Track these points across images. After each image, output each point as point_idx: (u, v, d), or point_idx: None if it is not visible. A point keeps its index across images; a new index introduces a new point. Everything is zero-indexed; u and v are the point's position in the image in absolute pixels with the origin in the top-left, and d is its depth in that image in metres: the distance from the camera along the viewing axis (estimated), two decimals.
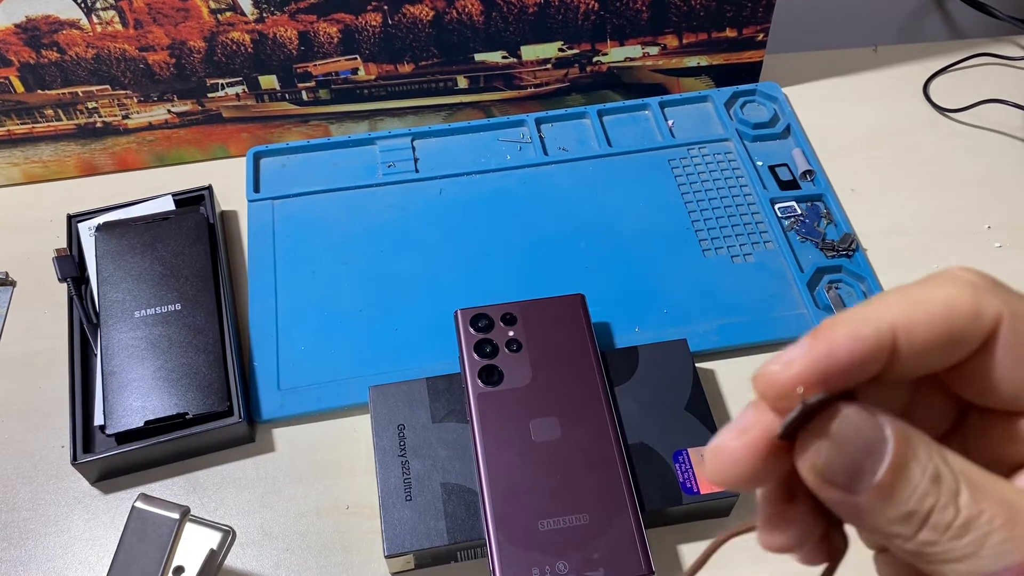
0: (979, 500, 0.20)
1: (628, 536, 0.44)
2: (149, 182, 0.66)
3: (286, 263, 0.60)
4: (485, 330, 0.51)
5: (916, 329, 0.21)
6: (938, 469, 0.20)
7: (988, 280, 0.22)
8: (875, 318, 0.21)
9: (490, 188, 0.64)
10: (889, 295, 0.22)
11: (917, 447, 0.20)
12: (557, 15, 0.64)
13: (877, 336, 0.21)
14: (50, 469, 0.52)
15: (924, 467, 0.20)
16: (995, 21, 0.76)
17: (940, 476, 0.20)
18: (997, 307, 0.21)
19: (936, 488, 0.20)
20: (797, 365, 0.21)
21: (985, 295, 0.21)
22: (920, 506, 0.20)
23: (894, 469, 0.20)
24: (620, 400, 0.50)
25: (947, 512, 0.20)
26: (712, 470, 0.22)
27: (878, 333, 0.21)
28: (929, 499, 0.20)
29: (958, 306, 0.21)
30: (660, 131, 0.67)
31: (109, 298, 0.55)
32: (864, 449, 0.20)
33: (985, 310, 0.21)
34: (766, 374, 0.21)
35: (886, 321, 0.21)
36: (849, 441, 0.20)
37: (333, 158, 0.66)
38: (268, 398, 0.53)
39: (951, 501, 0.20)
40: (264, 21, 0.61)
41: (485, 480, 0.46)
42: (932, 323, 0.21)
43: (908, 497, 0.20)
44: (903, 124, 0.69)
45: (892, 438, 0.20)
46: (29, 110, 0.63)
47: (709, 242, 0.60)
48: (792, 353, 0.21)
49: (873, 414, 0.20)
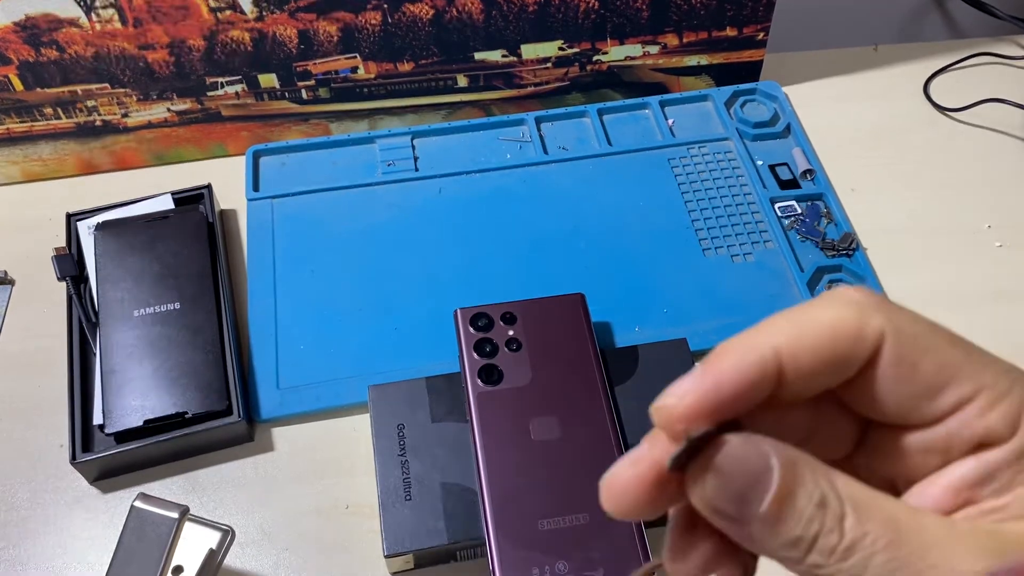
0: (864, 522, 0.20)
1: (628, 536, 0.44)
2: (148, 181, 0.66)
3: (285, 262, 0.60)
4: (485, 329, 0.51)
5: (801, 353, 0.22)
6: (824, 494, 0.20)
7: (873, 299, 0.22)
8: (759, 345, 0.22)
9: (490, 187, 0.64)
10: (776, 319, 0.22)
11: (803, 474, 0.20)
12: (557, 14, 0.64)
13: (761, 363, 0.21)
14: (49, 468, 0.52)
15: (810, 493, 0.20)
16: (995, 20, 0.76)
17: (826, 501, 0.20)
18: (879, 325, 0.22)
19: (822, 513, 0.20)
20: (687, 398, 0.21)
21: (869, 314, 0.22)
22: (806, 532, 0.20)
23: (779, 498, 0.20)
24: (620, 400, 0.50)
25: (832, 536, 0.20)
26: (606, 501, 0.23)
27: (762, 360, 0.21)
28: (815, 525, 0.20)
29: (842, 328, 0.22)
30: (660, 130, 0.67)
31: (108, 297, 0.55)
32: (749, 480, 0.20)
33: (867, 330, 0.22)
34: (661, 407, 0.22)
35: (770, 347, 0.22)
36: (733, 473, 0.21)
37: (333, 157, 0.66)
38: (267, 397, 0.53)
39: (836, 525, 0.20)
40: (264, 19, 0.61)
41: (485, 480, 0.46)
42: (816, 346, 0.22)
43: (795, 524, 0.20)
44: (903, 123, 0.69)
45: (777, 467, 0.20)
46: (28, 108, 0.63)
47: (709, 241, 0.60)
48: (684, 385, 0.21)
49: (759, 444, 0.21)
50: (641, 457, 0.22)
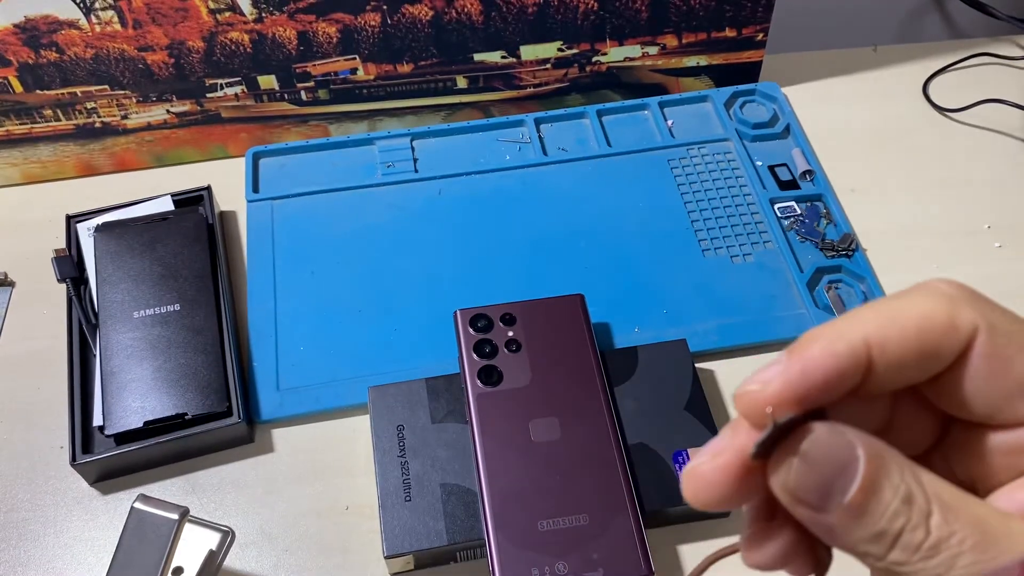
0: (951, 522, 0.19)
1: (628, 536, 0.44)
2: (148, 182, 0.66)
3: (285, 263, 0.60)
4: (484, 330, 0.51)
5: (890, 344, 0.21)
6: (910, 490, 0.20)
7: (966, 292, 0.22)
8: (849, 334, 0.21)
9: (489, 188, 0.64)
10: (864, 309, 0.22)
11: (890, 467, 0.20)
12: (556, 15, 0.64)
13: (851, 352, 0.21)
14: (49, 470, 0.52)
15: (896, 487, 0.20)
16: (995, 21, 0.76)
17: (912, 497, 0.20)
18: (972, 319, 0.21)
19: (907, 509, 0.20)
20: (773, 384, 0.21)
21: (961, 307, 0.21)
22: (891, 526, 0.20)
23: (864, 490, 0.20)
24: (620, 400, 0.50)
25: (918, 533, 0.19)
26: (688, 492, 0.22)
27: (852, 349, 0.21)
28: (900, 520, 0.20)
29: (932, 320, 0.21)
30: (660, 131, 0.67)
31: (108, 298, 0.55)
32: (834, 469, 0.20)
33: (960, 323, 0.21)
34: (745, 394, 0.21)
35: (860, 337, 0.21)
36: (819, 461, 0.20)
37: (332, 158, 0.66)
38: (267, 398, 0.53)
39: (922, 522, 0.20)
40: (263, 21, 0.61)
41: (484, 480, 0.46)
42: (906, 337, 0.21)
43: (879, 517, 0.20)
44: (903, 124, 0.69)
45: (863, 458, 0.20)
46: (28, 110, 0.63)
47: (709, 242, 0.60)
48: (769, 372, 0.21)
49: (845, 433, 0.20)
50: (723, 447, 0.22)
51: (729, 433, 0.22)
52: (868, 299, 0.57)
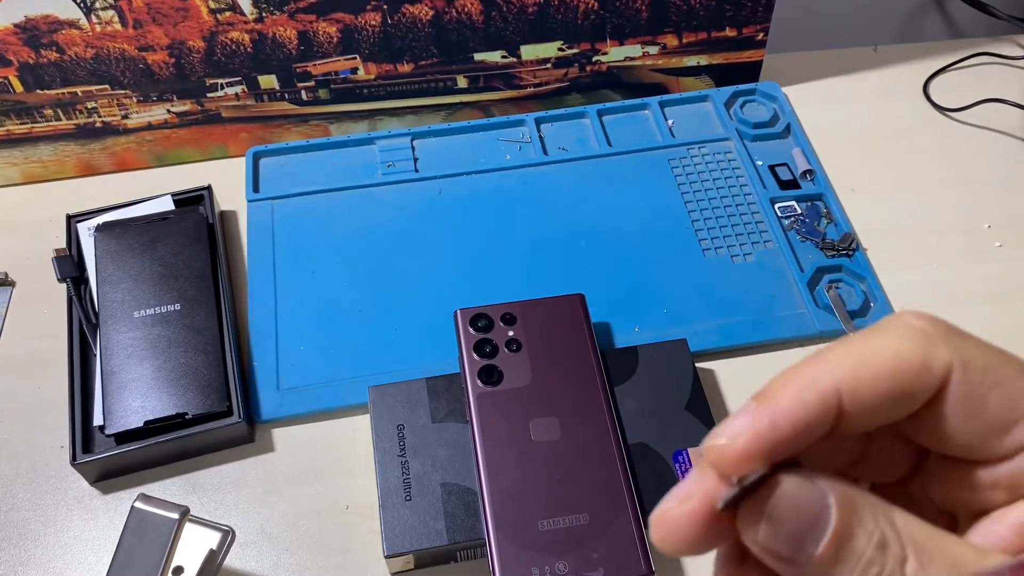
0: (926, 566, 0.19)
1: (628, 536, 0.44)
2: (148, 182, 0.66)
3: (286, 263, 0.60)
4: (485, 330, 0.51)
5: (862, 389, 0.20)
6: (884, 535, 0.19)
7: (940, 327, 0.21)
8: (819, 382, 0.21)
9: (490, 188, 0.64)
10: (834, 351, 0.21)
11: (863, 513, 0.20)
12: (557, 15, 0.64)
13: (821, 400, 0.20)
14: (49, 469, 0.52)
15: (870, 534, 0.19)
16: (995, 20, 0.76)
17: (886, 542, 0.19)
18: (946, 358, 0.21)
19: (882, 555, 0.19)
20: (742, 439, 0.20)
21: (935, 345, 0.21)
22: (866, 574, 0.19)
23: (836, 540, 0.19)
24: (620, 400, 0.50)
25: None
26: (657, 538, 0.22)
27: (822, 397, 0.20)
28: (874, 568, 0.19)
29: (905, 360, 0.21)
30: (660, 131, 0.67)
31: (108, 298, 0.55)
32: (805, 522, 0.20)
33: (933, 363, 0.21)
34: (713, 448, 0.21)
35: (830, 384, 0.20)
36: (787, 517, 0.20)
37: (333, 158, 0.66)
38: (267, 398, 0.53)
39: (897, 568, 0.19)
40: (263, 21, 0.61)
41: (485, 480, 0.46)
42: (878, 381, 0.21)
43: (853, 567, 0.19)
44: (903, 124, 0.69)
45: (835, 507, 0.20)
46: (28, 110, 0.63)
47: (709, 242, 0.60)
48: (737, 424, 0.20)
49: (816, 484, 0.20)
50: (691, 493, 0.21)
51: (696, 477, 0.21)
52: (868, 299, 0.57)
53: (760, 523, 0.20)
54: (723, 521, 0.21)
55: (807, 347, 0.56)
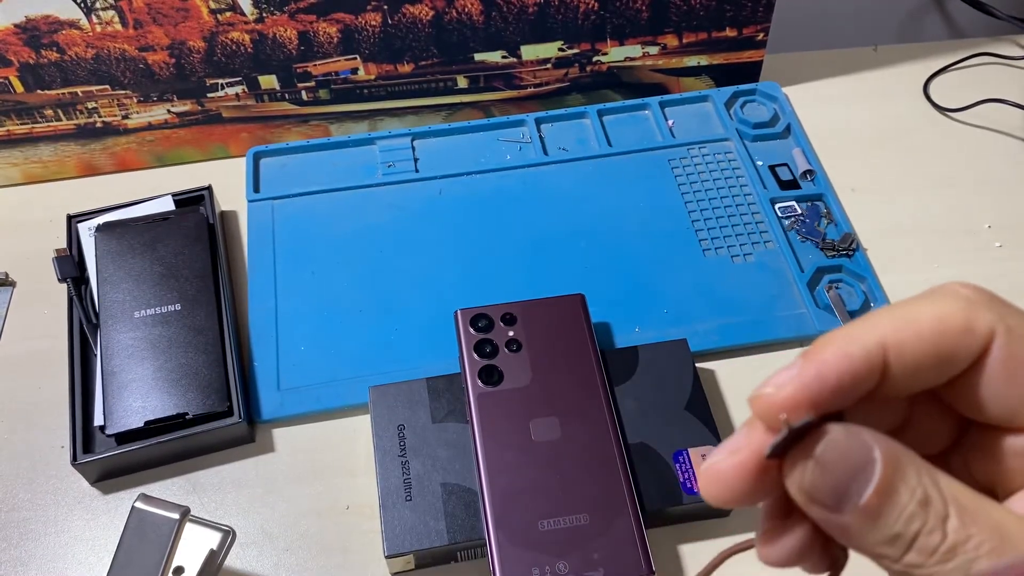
0: (968, 525, 0.19)
1: (628, 536, 0.44)
2: (149, 182, 0.66)
3: (286, 263, 0.60)
4: (485, 330, 0.51)
5: (906, 347, 0.21)
6: (927, 492, 0.20)
7: (984, 295, 0.22)
8: (864, 337, 0.21)
9: (490, 188, 0.64)
10: (881, 312, 0.22)
11: (907, 469, 0.20)
12: (557, 15, 0.64)
13: (866, 356, 0.21)
14: (50, 469, 0.52)
15: (913, 490, 0.20)
16: (995, 20, 0.76)
17: (929, 500, 0.20)
18: (990, 322, 0.21)
19: (924, 512, 0.20)
20: (788, 388, 0.21)
21: (979, 310, 0.21)
22: (907, 529, 0.20)
23: (880, 492, 0.20)
24: (620, 400, 0.50)
25: (934, 536, 0.19)
26: (706, 490, 0.22)
27: (867, 352, 0.21)
28: (916, 522, 0.20)
29: (949, 322, 0.21)
30: (660, 131, 0.67)
31: (109, 298, 0.55)
32: (850, 471, 0.20)
33: (977, 326, 0.21)
34: (760, 396, 0.21)
35: (875, 340, 0.21)
36: (833, 463, 0.20)
37: (333, 158, 0.66)
38: (268, 398, 0.53)
39: (938, 526, 0.19)
40: (264, 21, 0.61)
41: (485, 480, 0.46)
42: (922, 340, 0.21)
43: (895, 520, 0.20)
44: (903, 124, 0.69)
45: (880, 460, 0.20)
46: (29, 110, 0.63)
47: (709, 242, 0.60)
48: (784, 375, 0.21)
49: (862, 435, 0.20)
50: (740, 445, 0.22)
51: (745, 431, 0.22)
52: (868, 299, 0.57)
53: (806, 469, 0.20)
54: (770, 473, 0.22)
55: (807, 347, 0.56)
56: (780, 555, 0.23)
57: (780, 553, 0.23)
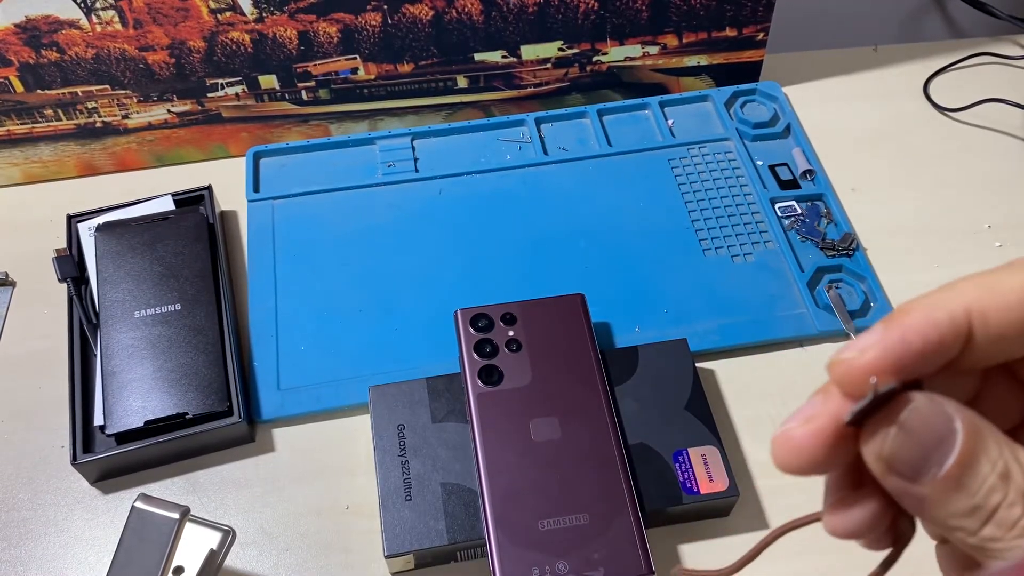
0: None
1: (628, 536, 0.44)
2: (149, 182, 0.66)
3: (286, 263, 0.60)
4: (485, 330, 0.51)
5: (991, 314, 0.21)
6: (1008, 466, 0.20)
7: None
8: (949, 303, 0.21)
9: (490, 188, 0.64)
10: (963, 281, 0.21)
11: (987, 441, 0.20)
12: (557, 14, 0.64)
13: (951, 321, 0.21)
14: (50, 469, 0.52)
15: (994, 462, 0.20)
16: (995, 20, 0.76)
17: (1009, 473, 0.19)
18: None
19: (1004, 485, 0.19)
20: (872, 352, 0.20)
21: None
22: (986, 502, 0.19)
23: (961, 463, 0.19)
24: (620, 400, 0.50)
25: (1014, 510, 0.19)
26: (779, 457, 0.22)
27: (952, 318, 0.21)
28: (996, 495, 0.19)
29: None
30: (660, 131, 0.67)
31: (109, 298, 0.55)
32: (932, 440, 0.20)
33: None
34: (842, 361, 0.21)
35: (960, 306, 0.21)
36: (917, 431, 0.20)
37: (333, 158, 0.66)
38: (268, 398, 0.53)
39: (1019, 499, 0.19)
40: (264, 21, 0.61)
41: (485, 480, 0.46)
42: (1009, 308, 0.21)
43: (975, 492, 0.19)
44: (903, 124, 0.69)
45: (962, 431, 0.20)
46: (29, 110, 0.63)
47: (709, 242, 0.60)
48: (867, 339, 0.21)
49: (944, 405, 0.20)
50: (816, 413, 0.22)
51: (821, 399, 0.22)
52: (869, 299, 0.57)
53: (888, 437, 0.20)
54: (845, 442, 0.21)
55: (807, 347, 0.56)
56: (849, 526, 0.22)
57: (849, 524, 0.22)
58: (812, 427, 0.21)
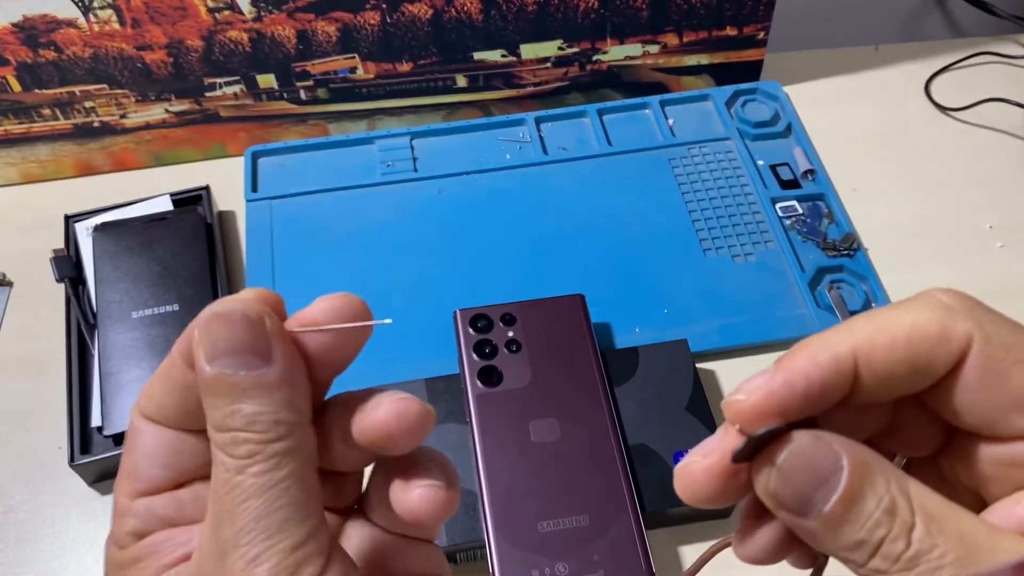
0: (934, 535, 0.19)
1: (628, 537, 0.44)
2: (147, 182, 0.66)
3: (284, 263, 0.60)
4: (484, 330, 0.51)
5: (877, 355, 0.21)
6: (894, 501, 0.20)
7: (965, 302, 0.22)
8: (836, 345, 0.21)
9: (490, 188, 0.64)
10: (858, 319, 0.22)
11: (875, 477, 0.20)
12: (557, 13, 0.64)
13: (835, 363, 0.21)
14: (48, 471, 0.51)
15: (880, 497, 0.20)
16: (996, 20, 0.75)
17: (895, 508, 0.20)
18: (967, 331, 0.21)
19: (889, 519, 0.20)
20: (756, 395, 0.21)
21: (956, 318, 0.21)
22: (870, 536, 0.20)
23: (845, 499, 0.20)
24: (620, 400, 0.50)
25: (898, 544, 0.19)
26: (679, 488, 0.23)
27: (836, 360, 0.21)
28: (880, 530, 0.20)
29: (924, 330, 0.21)
30: (660, 130, 0.67)
31: (107, 299, 0.55)
32: (815, 478, 0.20)
33: (953, 334, 0.21)
34: (731, 403, 0.22)
35: (846, 347, 0.21)
36: (795, 471, 0.20)
37: (331, 158, 0.66)
38: None
39: (903, 534, 0.19)
40: (262, 20, 0.61)
41: (484, 481, 0.46)
42: (895, 348, 0.21)
43: (860, 527, 0.20)
44: (904, 123, 0.69)
45: (847, 468, 0.20)
46: (26, 109, 0.63)
47: (710, 242, 0.60)
48: (755, 382, 0.21)
49: (832, 443, 0.20)
50: (712, 449, 0.22)
51: (720, 434, 0.23)
52: (870, 299, 0.57)
53: (770, 476, 0.21)
54: (740, 476, 0.22)
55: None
56: (753, 553, 0.23)
57: (753, 551, 0.23)
58: (708, 462, 0.22)
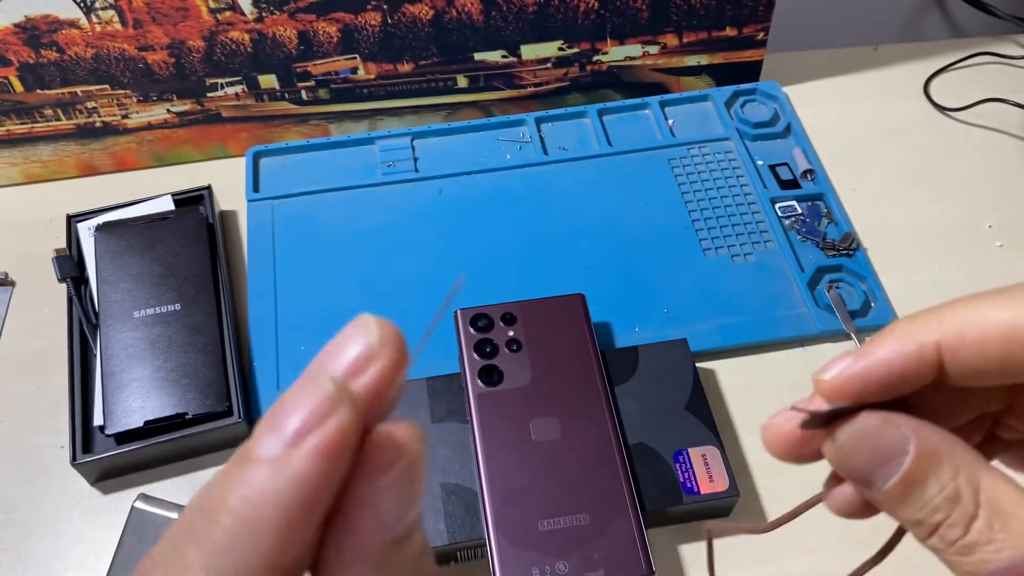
0: (995, 530, 0.20)
1: (628, 536, 0.44)
2: (148, 182, 0.66)
3: (286, 263, 0.60)
4: (485, 330, 0.51)
5: (964, 351, 0.21)
6: (959, 490, 0.20)
7: None
8: (922, 334, 0.22)
9: (490, 188, 0.64)
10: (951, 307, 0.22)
11: (942, 465, 0.21)
12: (557, 14, 0.64)
13: (918, 355, 0.21)
14: (50, 469, 0.52)
15: (943, 485, 0.20)
16: (996, 20, 0.75)
17: (959, 497, 0.20)
18: None
19: (950, 507, 0.20)
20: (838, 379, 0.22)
21: None
22: (929, 518, 0.20)
23: (905, 482, 0.21)
24: (620, 400, 0.50)
25: (955, 530, 0.20)
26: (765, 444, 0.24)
27: (920, 352, 0.21)
28: (939, 515, 0.20)
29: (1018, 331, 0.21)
30: (660, 130, 0.67)
31: (108, 298, 0.55)
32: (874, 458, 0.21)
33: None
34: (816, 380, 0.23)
35: (931, 339, 0.21)
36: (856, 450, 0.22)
37: (333, 158, 0.66)
38: (268, 398, 0.53)
39: (961, 522, 0.20)
40: (263, 20, 0.61)
41: (485, 480, 0.46)
42: (986, 345, 0.21)
43: (919, 508, 0.21)
44: (904, 123, 0.69)
45: (913, 452, 0.21)
46: (28, 110, 0.63)
47: (710, 241, 0.60)
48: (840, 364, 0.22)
49: (901, 427, 0.21)
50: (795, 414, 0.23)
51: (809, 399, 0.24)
52: (869, 298, 0.57)
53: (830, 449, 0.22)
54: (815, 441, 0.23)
55: (808, 347, 0.56)
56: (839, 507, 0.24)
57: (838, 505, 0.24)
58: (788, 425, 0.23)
